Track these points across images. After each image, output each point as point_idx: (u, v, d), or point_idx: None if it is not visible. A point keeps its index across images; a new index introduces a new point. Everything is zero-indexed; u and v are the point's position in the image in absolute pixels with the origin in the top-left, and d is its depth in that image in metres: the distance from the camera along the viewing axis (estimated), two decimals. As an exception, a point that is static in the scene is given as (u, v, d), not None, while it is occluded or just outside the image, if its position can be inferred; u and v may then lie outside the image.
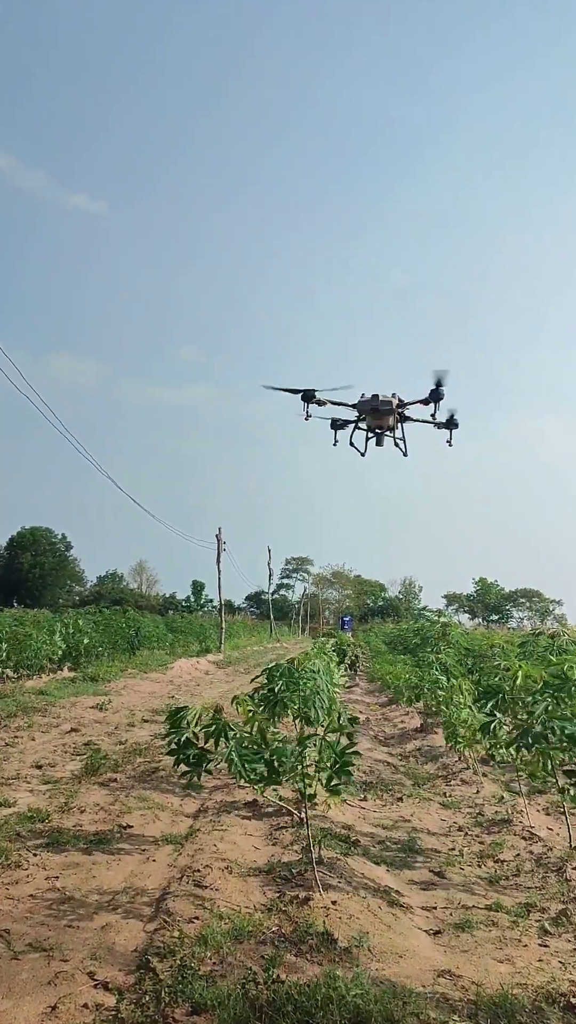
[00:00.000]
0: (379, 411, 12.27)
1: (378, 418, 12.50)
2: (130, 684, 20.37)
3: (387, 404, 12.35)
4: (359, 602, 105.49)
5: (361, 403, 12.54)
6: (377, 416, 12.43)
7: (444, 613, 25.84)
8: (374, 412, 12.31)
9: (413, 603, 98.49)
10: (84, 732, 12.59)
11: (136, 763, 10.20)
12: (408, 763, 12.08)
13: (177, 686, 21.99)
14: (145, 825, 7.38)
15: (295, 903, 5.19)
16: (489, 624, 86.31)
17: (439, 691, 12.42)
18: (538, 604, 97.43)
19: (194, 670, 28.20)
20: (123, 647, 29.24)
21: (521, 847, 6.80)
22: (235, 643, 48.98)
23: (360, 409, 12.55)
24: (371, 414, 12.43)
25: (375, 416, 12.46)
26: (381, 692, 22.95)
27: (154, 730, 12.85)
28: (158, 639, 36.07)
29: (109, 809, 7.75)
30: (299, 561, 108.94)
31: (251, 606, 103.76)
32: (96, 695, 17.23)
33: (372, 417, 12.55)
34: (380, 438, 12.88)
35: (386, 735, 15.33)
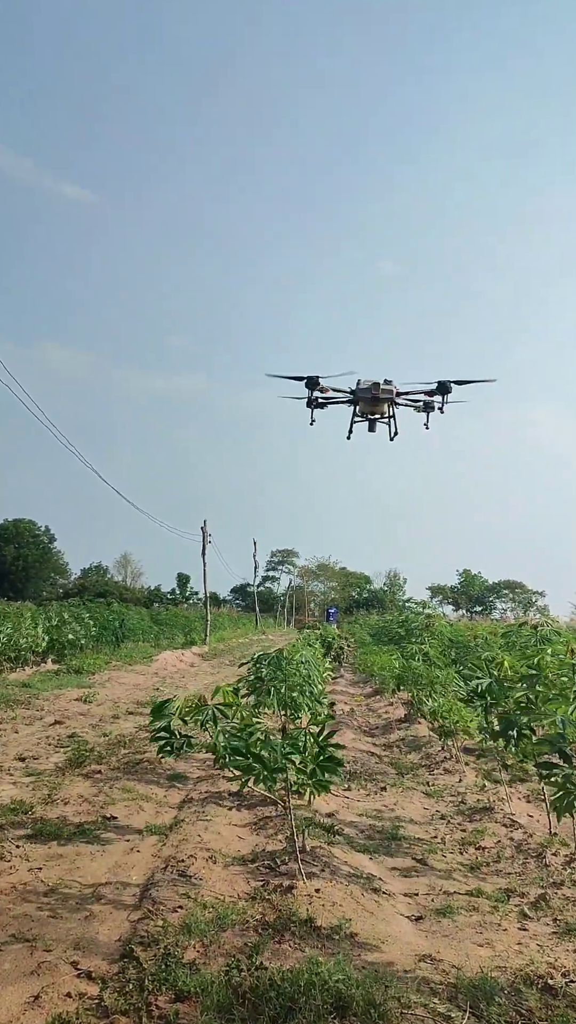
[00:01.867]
0: (379, 399, 12.27)
1: (375, 405, 12.49)
2: (115, 676, 20.34)
3: (388, 393, 12.33)
4: (344, 594, 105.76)
5: (360, 390, 12.45)
6: (374, 403, 12.43)
7: (428, 605, 25.98)
8: (373, 400, 12.31)
9: (398, 595, 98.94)
10: (68, 724, 12.56)
11: (120, 755, 10.19)
12: (392, 753, 12.17)
13: (162, 678, 21.98)
14: (129, 816, 7.39)
15: (279, 891, 5.23)
16: (473, 616, 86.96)
17: (422, 680, 12.51)
18: (521, 596, 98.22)
19: (179, 662, 28.19)
20: (108, 639, 29.14)
21: (502, 834, 6.88)
22: (220, 635, 48.99)
23: (358, 396, 12.49)
24: (369, 401, 12.42)
25: (372, 403, 12.45)
26: (366, 683, 23.08)
27: (139, 722, 12.85)
28: (143, 632, 35.99)
29: (93, 800, 7.75)
30: (284, 553, 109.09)
31: (237, 598, 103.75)
32: (80, 687, 17.19)
33: (369, 404, 12.53)
34: (373, 424, 12.81)
35: (370, 725, 15.43)
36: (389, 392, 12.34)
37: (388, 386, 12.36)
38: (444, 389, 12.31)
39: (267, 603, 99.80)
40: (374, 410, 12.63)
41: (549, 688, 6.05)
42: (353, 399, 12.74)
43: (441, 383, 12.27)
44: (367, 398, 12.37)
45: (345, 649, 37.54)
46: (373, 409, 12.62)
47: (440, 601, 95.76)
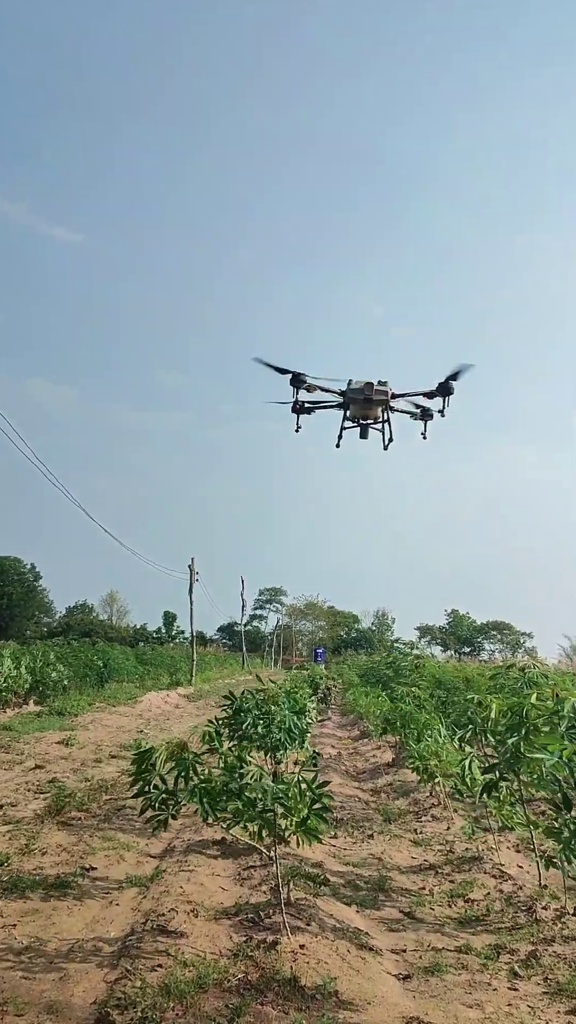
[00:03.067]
0: (371, 401, 11.21)
1: (368, 408, 11.42)
2: (98, 718, 19.97)
3: (382, 394, 11.24)
4: (332, 633, 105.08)
5: (351, 391, 11.36)
6: (367, 406, 11.37)
7: (416, 645, 25.87)
8: (366, 402, 11.27)
9: (386, 635, 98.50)
10: (49, 769, 12.26)
11: (102, 801, 9.94)
12: (379, 798, 11.95)
13: (146, 720, 21.58)
14: (109, 867, 7.17)
15: (262, 948, 5.06)
16: (461, 656, 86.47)
17: (410, 725, 12.34)
18: (509, 637, 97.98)
19: (164, 703, 27.75)
20: (91, 680, 28.67)
21: (491, 886, 6.72)
22: (206, 676, 48.37)
23: (349, 398, 11.39)
24: (361, 404, 11.37)
25: (365, 406, 11.39)
26: (354, 725, 22.76)
27: (121, 766, 12.56)
28: (127, 672, 35.44)
29: (72, 850, 7.52)
30: (273, 592, 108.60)
31: (223, 637, 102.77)
32: (62, 730, 16.84)
33: (361, 407, 11.46)
34: (365, 430, 11.78)
35: (358, 770, 15.17)
36: (384, 394, 11.25)
37: (383, 387, 11.27)
38: (445, 390, 11.19)
39: (254, 642, 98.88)
40: (367, 414, 11.57)
41: (534, 734, 5.97)
42: (343, 402, 11.61)
43: (442, 384, 11.15)
44: (359, 400, 11.28)
45: (333, 690, 37.13)
46: (366, 413, 11.56)
47: (428, 642, 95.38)
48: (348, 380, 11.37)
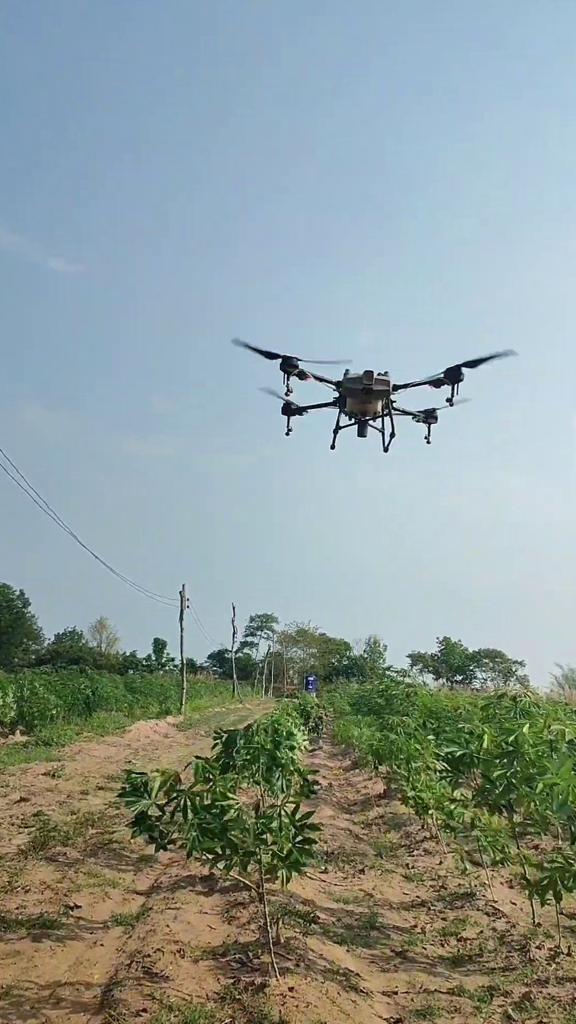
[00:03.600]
0: (371, 392, 10.02)
1: (366, 401, 10.28)
2: (85, 748, 19.65)
3: (383, 384, 10.07)
4: (324, 661, 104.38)
5: (348, 381, 10.16)
6: (365, 399, 10.21)
7: (408, 673, 25.73)
8: (364, 393, 10.05)
9: (378, 662, 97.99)
10: (34, 801, 12.02)
11: (88, 835, 9.74)
12: (371, 831, 11.77)
13: (135, 750, 21.27)
14: (94, 904, 7.00)
15: (250, 990, 4.93)
16: (453, 684, 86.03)
17: (400, 756, 12.20)
18: (501, 665, 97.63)
19: (153, 733, 27.38)
20: (79, 709, 28.29)
21: (484, 923, 6.59)
22: (196, 704, 47.86)
23: (346, 389, 10.22)
24: (359, 396, 10.18)
25: (363, 399, 10.22)
26: (345, 755, 22.51)
27: (109, 798, 12.34)
28: (116, 700, 35.03)
29: (56, 887, 7.34)
30: (264, 618, 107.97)
31: (214, 664, 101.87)
32: (49, 760, 16.56)
33: (358, 400, 10.30)
34: (363, 427, 10.65)
35: (349, 801, 14.96)
36: (385, 384, 10.08)
37: (384, 377, 10.11)
38: (454, 376, 9.89)
39: (245, 670, 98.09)
40: (365, 409, 10.45)
41: (528, 766, 5.91)
42: (339, 396, 10.54)
43: (450, 369, 9.86)
44: (357, 391, 10.11)
45: (324, 719, 36.78)
46: (364, 408, 10.44)
47: (420, 669, 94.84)
48: (344, 371, 10.22)
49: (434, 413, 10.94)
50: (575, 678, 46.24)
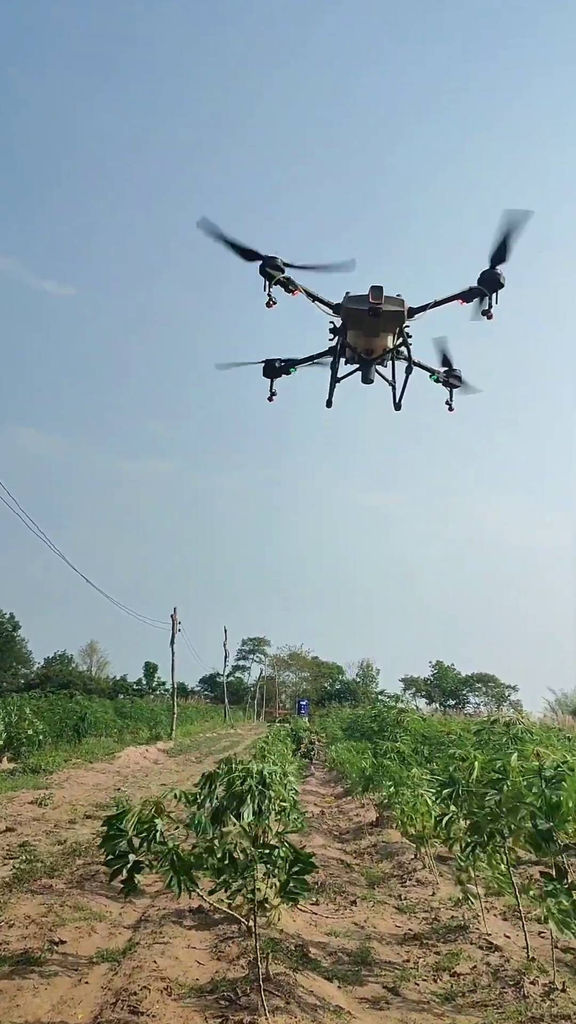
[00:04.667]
0: (379, 315, 7.98)
1: (373, 332, 8.31)
2: (74, 776, 19.35)
3: (396, 304, 8.04)
4: (316, 685, 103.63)
5: (350, 302, 8.18)
6: (372, 328, 8.23)
7: (401, 698, 25.57)
8: (372, 317, 8.02)
9: (371, 686, 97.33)
10: (20, 832, 11.80)
11: (75, 866, 9.55)
12: (363, 861, 11.59)
13: (124, 777, 20.96)
14: (79, 940, 6.83)
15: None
16: (446, 709, 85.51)
17: (391, 782, 12.07)
18: (494, 689, 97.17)
19: (143, 759, 27.02)
20: (68, 735, 27.90)
21: (478, 958, 6.47)
22: (187, 729, 47.33)
23: (347, 313, 8.23)
24: (364, 324, 8.22)
25: (369, 328, 8.25)
26: (337, 782, 22.26)
27: (97, 827, 12.10)
28: (106, 725, 34.60)
29: (41, 922, 7.17)
30: (256, 642, 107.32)
31: (205, 689, 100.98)
32: (36, 788, 16.28)
33: (363, 331, 8.35)
34: (368, 370, 8.62)
35: (341, 830, 14.76)
36: (398, 306, 8.04)
37: (396, 298, 8.10)
38: (492, 282, 7.77)
39: (237, 694, 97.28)
40: (371, 344, 8.44)
41: (516, 796, 5.84)
42: (338, 329, 8.58)
43: (487, 274, 7.75)
44: (362, 316, 8.06)
45: (316, 744, 36.41)
46: (370, 343, 8.43)
47: (413, 694, 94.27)
48: (346, 293, 8.24)
49: (457, 374, 9.34)
50: (568, 703, 46.06)
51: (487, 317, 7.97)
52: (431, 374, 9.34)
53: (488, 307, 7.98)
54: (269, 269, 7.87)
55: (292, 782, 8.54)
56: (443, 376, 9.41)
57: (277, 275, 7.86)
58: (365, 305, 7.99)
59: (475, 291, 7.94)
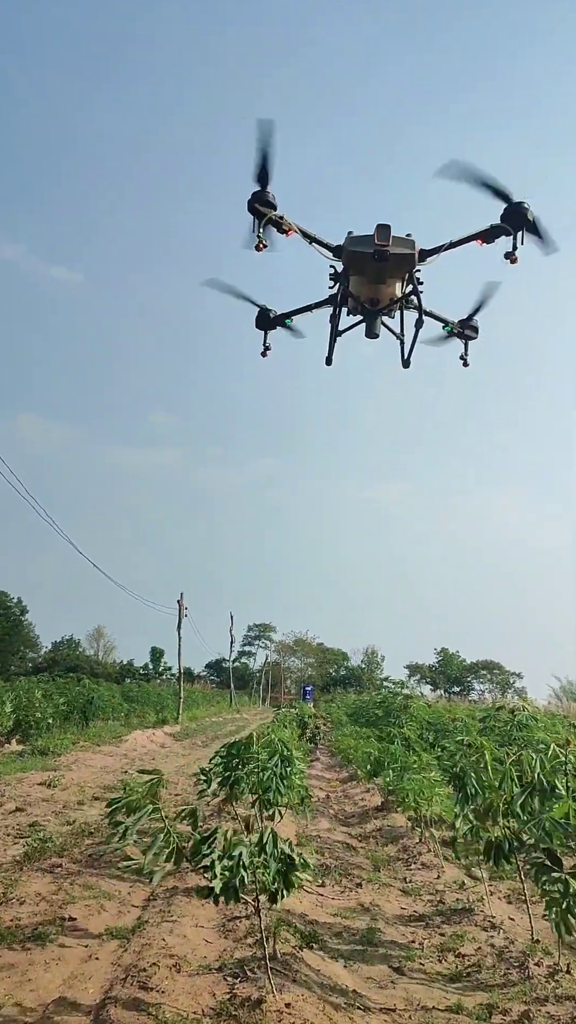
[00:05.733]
0: (386, 259, 6.98)
1: (378, 279, 7.40)
2: (82, 758, 19.55)
3: (406, 245, 7.08)
4: (321, 671, 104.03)
5: (352, 243, 7.21)
6: (378, 275, 7.30)
7: (406, 684, 25.65)
8: (377, 261, 7.04)
9: (376, 673, 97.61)
10: (30, 812, 11.94)
11: (84, 846, 9.67)
12: (368, 844, 11.69)
13: (131, 760, 21.16)
14: (89, 917, 6.93)
15: (247, 1006, 4.88)
16: (451, 696, 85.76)
17: (397, 766, 12.14)
18: (499, 677, 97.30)
19: (150, 742, 27.26)
20: (76, 718, 28.15)
21: (483, 939, 6.54)
22: (193, 713, 47.65)
23: (348, 256, 7.28)
24: (368, 269, 7.29)
25: (374, 275, 7.33)
26: (342, 767, 22.39)
27: (105, 809, 12.25)
28: (113, 709, 34.87)
29: (51, 899, 7.28)
30: (261, 628, 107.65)
31: (211, 674, 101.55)
32: (45, 770, 16.46)
33: (367, 277, 7.44)
34: (372, 322, 7.70)
35: (346, 814, 14.88)
36: (408, 248, 7.07)
37: (407, 238, 7.13)
38: (517, 218, 6.84)
39: (243, 679, 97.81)
40: (377, 293, 7.51)
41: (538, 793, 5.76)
42: (339, 275, 7.65)
43: (510, 209, 6.84)
44: (366, 259, 7.08)
45: (321, 729, 36.60)
46: (375, 291, 7.51)
47: (418, 680, 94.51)
48: (348, 233, 7.24)
49: (473, 325, 8.43)
50: (573, 690, 46.08)
51: (512, 261, 7.06)
52: (444, 325, 8.52)
53: (513, 248, 7.03)
54: (259, 205, 6.91)
55: (299, 766, 8.62)
56: (458, 328, 8.56)
57: (268, 211, 6.91)
58: (370, 247, 6.98)
59: (498, 229, 6.99)
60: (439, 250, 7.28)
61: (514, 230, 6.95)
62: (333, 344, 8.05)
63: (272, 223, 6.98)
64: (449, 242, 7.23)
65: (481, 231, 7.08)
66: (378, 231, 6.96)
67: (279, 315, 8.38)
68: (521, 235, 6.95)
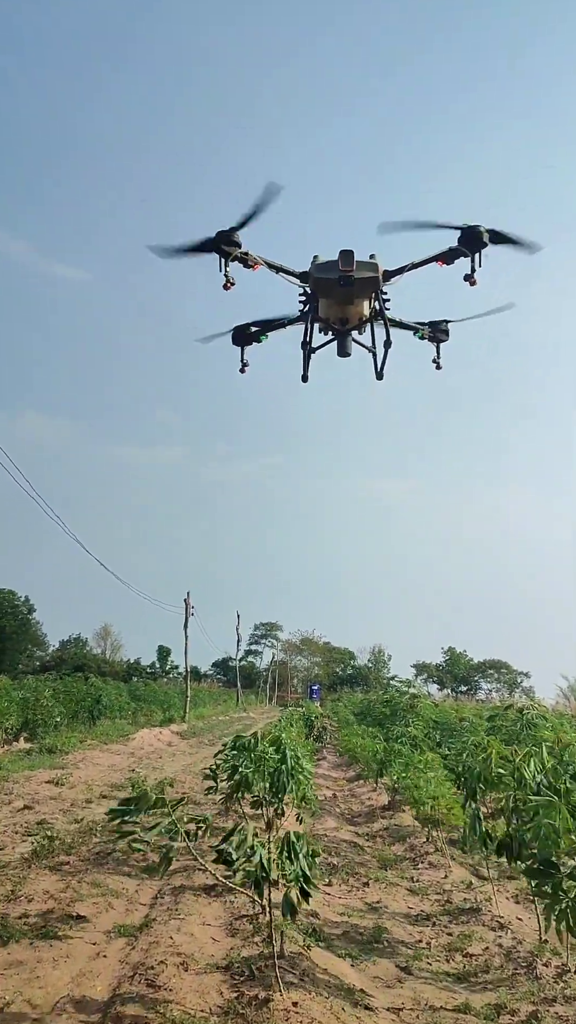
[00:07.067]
0: (351, 283, 7.16)
1: (346, 301, 7.53)
2: (89, 756, 19.62)
3: (369, 269, 7.25)
4: (328, 670, 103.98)
5: (318, 269, 7.41)
6: (345, 296, 7.44)
7: (413, 683, 25.60)
8: (343, 287, 7.22)
9: (382, 672, 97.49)
10: (38, 810, 12.00)
11: (91, 844, 9.71)
12: (375, 843, 11.69)
13: (138, 759, 21.22)
14: (97, 915, 6.96)
15: (254, 1005, 4.88)
16: (458, 695, 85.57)
17: (404, 764, 12.12)
18: (506, 676, 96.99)
19: (157, 741, 27.33)
20: (83, 717, 28.25)
21: (490, 939, 6.53)
22: (200, 712, 47.75)
23: (315, 282, 7.49)
24: (335, 292, 7.43)
25: (341, 297, 7.47)
26: (349, 766, 22.40)
27: (112, 807, 12.29)
28: (120, 708, 34.98)
29: (59, 897, 7.31)
30: (268, 626, 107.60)
31: (218, 673, 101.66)
32: (53, 768, 16.53)
33: (335, 299, 7.57)
34: (344, 341, 7.82)
35: (353, 813, 14.87)
36: (372, 271, 7.27)
37: (370, 261, 7.34)
38: (473, 241, 7.02)
39: (249, 678, 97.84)
40: (346, 313, 7.65)
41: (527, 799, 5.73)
42: (308, 296, 7.76)
43: (468, 231, 7.02)
44: (332, 284, 7.24)
45: (328, 729, 36.59)
46: (344, 312, 7.64)
47: (425, 679, 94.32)
48: (313, 257, 7.42)
49: (443, 328, 8.49)
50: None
51: (470, 283, 7.32)
52: (415, 332, 8.63)
53: (471, 270, 7.26)
54: (224, 246, 7.13)
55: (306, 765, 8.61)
56: (429, 332, 8.66)
57: (233, 251, 7.15)
58: (335, 273, 7.21)
59: (456, 252, 7.25)
60: (402, 271, 7.57)
61: (471, 252, 7.18)
62: (308, 361, 8.15)
63: (237, 260, 7.22)
64: (411, 263, 7.59)
65: (441, 253, 7.34)
66: (342, 257, 7.17)
67: (255, 331, 8.50)
68: (479, 257, 7.18)
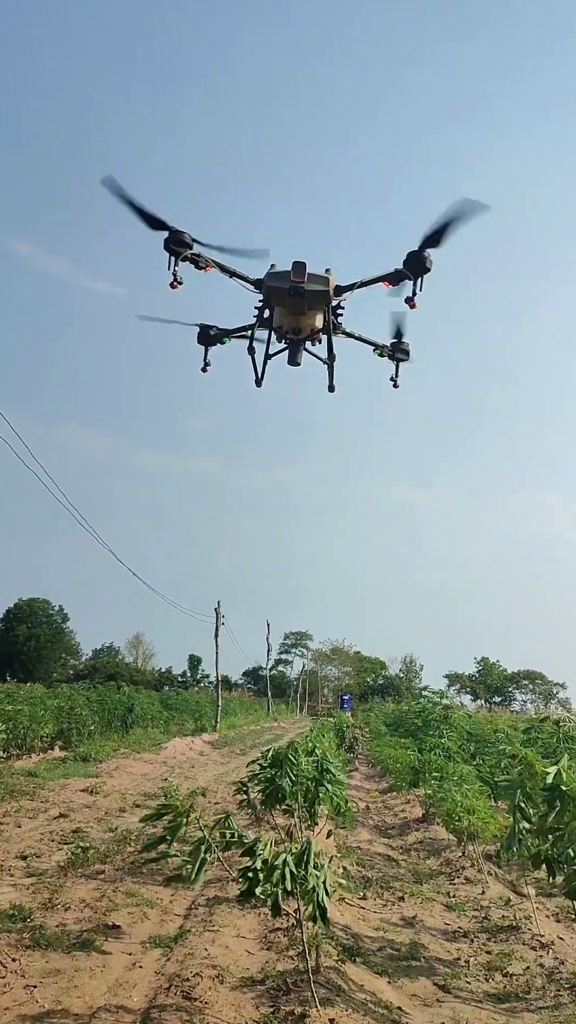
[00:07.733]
0: (302, 294, 7.27)
1: (298, 311, 7.61)
2: (122, 765, 19.73)
3: (320, 282, 7.35)
4: (359, 680, 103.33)
5: (271, 278, 7.43)
6: (296, 307, 7.53)
7: (445, 694, 25.25)
8: (294, 297, 7.31)
9: (414, 682, 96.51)
10: (73, 818, 12.09)
11: (126, 853, 9.75)
12: (409, 857, 11.54)
13: (171, 768, 21.28)
14: (133, 925, 6.98)
15: (290, 1020, 4.85)
16: (492, 706, 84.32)
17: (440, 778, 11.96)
18: (541, 687, 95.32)
19: (188, 750, 27.38)
20: (116, 725, 28.46)
21: (531, 959, 6.38)
22: (231, 722, 47.73)
23: (268, 291, 7.53)
24: (287, 302, 7.48)
25: (293, 307, 7.54)
26: (382, 777, 22.19)
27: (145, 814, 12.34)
28: (152, 717, 35.15)
29: (95, 906, 7.34)
30: (298, 636, 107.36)
31: (248, 682, 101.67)
32: (87, 777, 16.66)
33: (288, 309, 7.63)
34: (295, 351, 7.88)
35: (387, 825, 14.72)
36: (323, 283, 7.37)
37: (322, 275, 7.41)
38: (417, 265, 7.13)
39: (280, 687, 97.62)
40: (298, 323, 7.76)
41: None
42: (262, 304, 7.78)
43: (412, 255, 7.13)
44: (283, 294, 7.34)
45: (359, 739, 36.33)
46: (297, 322, 7.75)
47: (458, 690, 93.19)
48: (271, 266, 7.47)
49: (402, 346, 8.52)
50: (619, 702, 44.88)
51: (410, 306, 7.35)
52: (375, 348, 8.56)
53: (412, 293, 7.24)
54: (174, 245, 7.04)
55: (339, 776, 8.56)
56: (388, 350, 8.59)
57: (183, 251, 7.06)
58: (286, 283, 7.23)
59: (400, 274, 7.24)
60: (352, 287, 7.60)
61: (414, 276, 7.17)
62: (264, 366, 8.12)
63: (188, 260, 7.14)
64: (360, 281, 7.56)
65: (387, 274, 7.28)
66: (294, 268, 7.22)
67: (217, 333, 8.47)
68: (420, 282, 7.20)
